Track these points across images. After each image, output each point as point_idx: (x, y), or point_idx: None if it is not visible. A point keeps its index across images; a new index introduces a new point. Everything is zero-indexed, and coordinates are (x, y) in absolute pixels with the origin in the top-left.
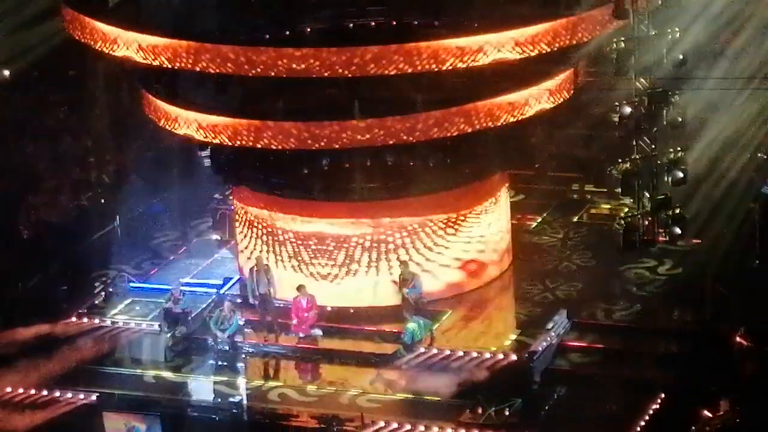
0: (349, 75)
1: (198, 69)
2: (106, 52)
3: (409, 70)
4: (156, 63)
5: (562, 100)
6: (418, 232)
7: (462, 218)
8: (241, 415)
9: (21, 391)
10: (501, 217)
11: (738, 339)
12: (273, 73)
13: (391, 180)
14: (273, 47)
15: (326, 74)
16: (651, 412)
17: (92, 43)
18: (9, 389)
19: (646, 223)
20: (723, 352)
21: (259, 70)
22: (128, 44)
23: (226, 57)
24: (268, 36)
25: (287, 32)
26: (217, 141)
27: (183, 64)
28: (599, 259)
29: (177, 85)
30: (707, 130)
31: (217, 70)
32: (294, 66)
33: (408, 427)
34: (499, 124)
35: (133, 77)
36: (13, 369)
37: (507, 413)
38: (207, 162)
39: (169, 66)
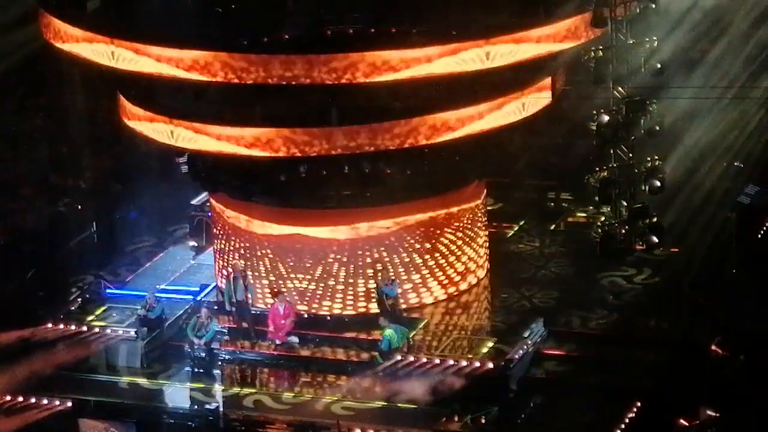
0: (334, 83)
1: (185, 77)
2: (82, 57)
3: (391, 78)
4: (140, 70)
5: (542, 107)
6: (396, 247)
7: (438, 232)
8: (217, 422)
9: None
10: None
11: (714, 347)
12: (259, 81)
13: (368, 187)
14: (258, 54)
15: (312, 82)
16: (627, 420)
17: (71, 48)
18: None
19: (623, 231)
20: (699, 361)
21: (251, 79)
22: (110, 51)
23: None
24: (246, 43)
25: (265, 39)
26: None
27: (169, 72)
28: (576, 268)
29: (154, 91)
30: (685, 138)
31: (209, 79)
32: (282, 73)
33: None
34: (480, 131)
35: (111, 83)
36: None
37: (483, 421)
38: (184, 168)
39: (153, 73)
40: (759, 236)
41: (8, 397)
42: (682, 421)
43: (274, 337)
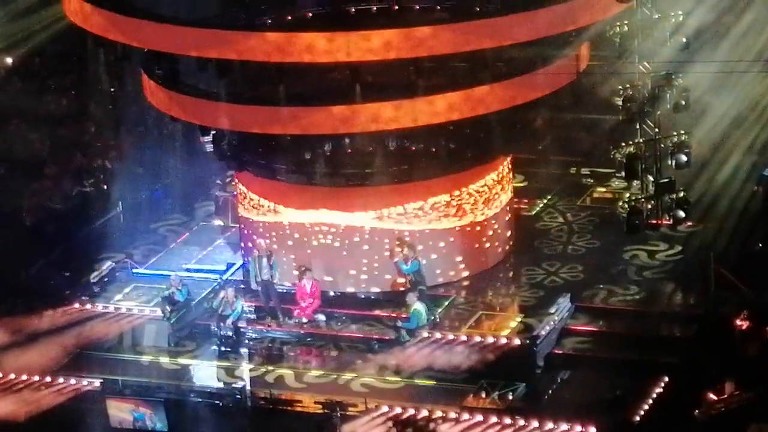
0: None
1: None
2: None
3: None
4: (162, 50)
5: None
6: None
7: (464, 208)
8: (244, 400)
9: (25, 377)
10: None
11: (739, 321)
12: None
13: (393, 165)
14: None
15: (332, 61)
16: (655, 395)
17: (94, 30)
18: (13, 376)
19: (650, 206)
20: (725, 335)
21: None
22: (132, 32)
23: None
24: (270, 21)
25: (289, 17)
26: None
27: (190, 51)
28: (602, 243)
29: (178, 70)
30: (711, 113)
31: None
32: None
33: (411, 411)
34: (509, 106)
35: (135, 62)
36: (16, 356)
37: (510, 397)
38: (209, 147)
39: (174, 53)
40: None
41: (36, 378)
42: (710, 395)
43: (300, 315)
